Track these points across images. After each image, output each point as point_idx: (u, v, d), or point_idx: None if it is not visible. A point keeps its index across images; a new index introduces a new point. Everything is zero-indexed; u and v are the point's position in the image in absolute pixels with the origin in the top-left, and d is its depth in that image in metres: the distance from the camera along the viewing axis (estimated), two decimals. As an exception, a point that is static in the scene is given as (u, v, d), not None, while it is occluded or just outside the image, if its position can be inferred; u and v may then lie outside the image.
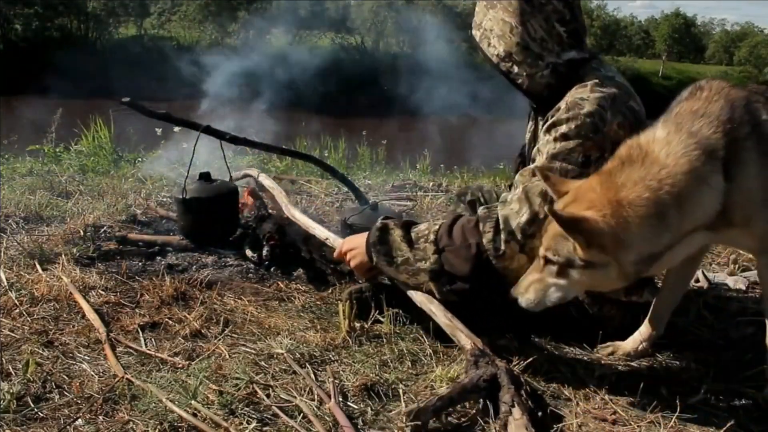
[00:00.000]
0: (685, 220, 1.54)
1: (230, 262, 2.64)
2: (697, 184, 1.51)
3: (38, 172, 3.98)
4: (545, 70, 1.88)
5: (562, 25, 1.87)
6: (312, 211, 3.36)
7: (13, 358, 1.79)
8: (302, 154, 3.67)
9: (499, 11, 1.90)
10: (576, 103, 1.78)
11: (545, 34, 1.86)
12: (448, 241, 1.87)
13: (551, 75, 1.88)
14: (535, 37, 1.87)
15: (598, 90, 1.79)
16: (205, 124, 2.85)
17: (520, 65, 1.89)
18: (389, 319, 2.01)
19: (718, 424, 1.61)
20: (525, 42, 1.87)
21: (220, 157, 2.94)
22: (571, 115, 1.77)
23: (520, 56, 1.88)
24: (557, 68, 1.88)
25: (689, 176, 1.51)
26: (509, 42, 1.89)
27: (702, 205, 1.53)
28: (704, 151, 1.52)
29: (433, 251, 1.88)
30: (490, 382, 1.59)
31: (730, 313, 2.28)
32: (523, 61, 1.89)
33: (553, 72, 1.88)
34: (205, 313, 2.12)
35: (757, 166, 1.55)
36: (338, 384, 1.68)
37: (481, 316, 1.97)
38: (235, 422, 1.51)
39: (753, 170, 1.55)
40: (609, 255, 1.51)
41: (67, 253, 2.53)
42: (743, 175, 1.55)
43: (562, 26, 1.87)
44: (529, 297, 1.64)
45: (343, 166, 5.34)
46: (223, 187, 2.84)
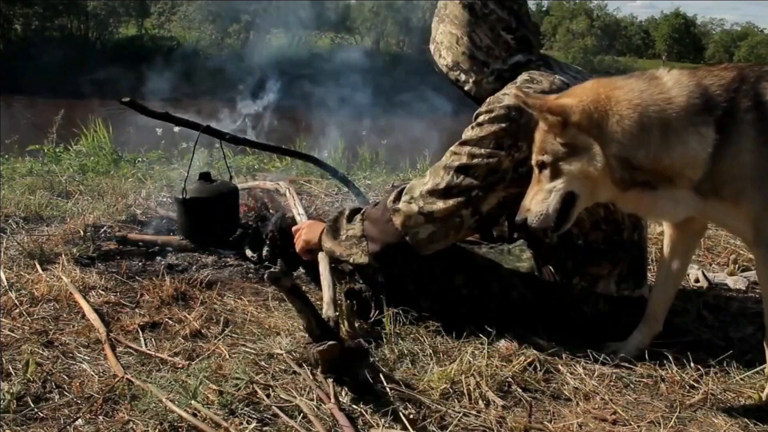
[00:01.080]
0: (666, 152, 1.59)
1: (230, 262, 2.64)
2: (687, 123, 1.59)
3: (38, 172, 3.98)
4: (490, 77, 1.98)
5: (509, 33, 1.97)
6: (312, 211, 3.36)
7: (13, 358, 1.79)
8: (302, 154, 3.67)
9: (447, 25, 2.01)
10: (497, 97, 1.89)
11: (491, 42, 1.97)
12: (371, 210, 2.04)
13: (496, 81, 1.97)
14: (480, 46, 1.97)
15: (524, 86, 1.87)
16: (204, 125, 2.85)
17: (467, 73, 2.00)
18: (389, 319, 2.01)
19: (718, 424, 1.61)
20: (470, 51, 1.98)
21: None
22: (489, 108, 1.88)
23: (467, 65, 2.00)
24: (502, 74, 1.97)
25: (682, 111, 1.59)
26: (456, 52, 2.00)
27: (686, 147, 1.59)
28: (705, 101, 1.60)
29: (359, 220, 2.05)
30: None
31: (730, 313, 2.28)
32: (469, 69, 2.00)
33: (498, 78, 1.97)
34: (205, 313, 2.12)
35: (752, 140, 1.60)
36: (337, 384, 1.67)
37: (482, 317, 1.98)
38: (235, 422, 1.51)
39: (746, 143, 1.60)
40: (590, 136, 1.60)
41: (67, 253, 2.53)
42: (736, 144, 1.60)
43: (509, 34, 1.97)
44: (534, 211, 1.70)
45: (343, 166, 5.35)
46: (223, 187, 2.84)
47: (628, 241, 1.97)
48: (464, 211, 1.88)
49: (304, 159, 3.69)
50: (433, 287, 2.03)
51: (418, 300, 2.06)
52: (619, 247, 1.95)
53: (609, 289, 1.96)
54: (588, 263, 1.94)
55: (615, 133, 1.59)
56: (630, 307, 1.98)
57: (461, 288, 2.00)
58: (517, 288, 1.98)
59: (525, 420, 1.59)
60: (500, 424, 1.57)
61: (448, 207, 1.88)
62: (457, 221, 1.90)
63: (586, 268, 1.94)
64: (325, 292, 2.03)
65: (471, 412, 1.61)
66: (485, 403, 1.65)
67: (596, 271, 1.94)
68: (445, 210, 1.88)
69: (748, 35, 46.79)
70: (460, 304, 2.02)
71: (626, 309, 1.98)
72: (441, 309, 2.04)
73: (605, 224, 1.92)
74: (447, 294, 2.02)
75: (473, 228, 1.94)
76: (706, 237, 3.10)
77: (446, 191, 1.88)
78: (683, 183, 1.63)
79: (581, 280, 1.95)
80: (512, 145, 1.83)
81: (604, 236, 1.93)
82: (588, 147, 1.62)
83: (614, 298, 1.96)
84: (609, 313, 1.97)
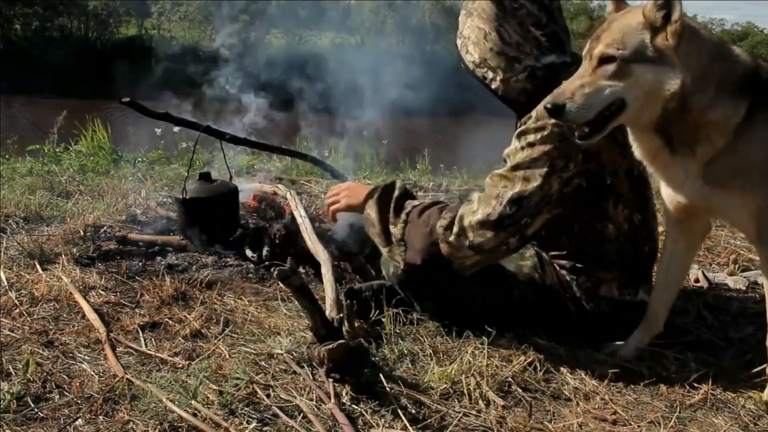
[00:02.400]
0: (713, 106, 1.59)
1: (230, 262, 2.64)
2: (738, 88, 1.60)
3: (38, 172, 3.97)
4: (521, 74, 1.88)
5: (539, 29, 1.88)
6: (312, 211, 3.36)
7: (13, 358, 1.79)
8: (302, 155, 3.67)
9: (475, 19, 1.92)
10: (544, 113, 1.77)
11: (520, 38, 1.87)
12: (416, 217, 1.94)
13: (527, 79, 1.89)
14: (509, 42, 1.88)
15: None
16: (204, 125, 2.85)
17: (495, 70, 1.91)
18: (389, 319, 2.01)
19: (718, 424, 1.61)
20: (498, 47, 1.88)
21: None
22: (540, 125, 1.78)
23: (494, 61, 1.90)
24: (535, 72, 1.88)
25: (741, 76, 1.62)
26: (483, 48, 1.91)
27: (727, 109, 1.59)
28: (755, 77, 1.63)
29: (402, 220, 1.96)
30: None
31: (730, 313, 2.28)
32: (497, 66, 1.90)
33: (530, 76, 1.88)
34: (205, 313, 2.12)
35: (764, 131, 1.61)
36: (338, 384, 1.67)
37: (481, 316, 1.98)
38: (235, 422, 1.51)
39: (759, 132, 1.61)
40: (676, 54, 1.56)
41: (67, 253, 2.52)
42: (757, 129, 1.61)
43: (539, 30, 1.88)
44: (578, 101, 1.59)
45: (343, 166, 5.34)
46: (223, 187, 2.84)
47: (639, 253, 1.96)
48: (512, 240, 1.84)
49: (305, 159, 3.69)
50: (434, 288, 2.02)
51: (420, 300, 2.05)
52: (629, 258, 1.93)
53: (611, 293, 1.94)
54: (597, 267, 1.93)
55: (696, 62, 1.57)
56: (631, 310, 1.97)
57: (464, 288, 2.00)
58: (519, 287, 1.97)
59: (525, 420, 1.59)
60: (500, 424, 1.57)
61: (499, 238, 1.82)
62: (504, 249, 1.86)
63: (595, 271, 1.93)
64: (328, 292, 2.03)
65: (471, 412, 1.61)
66: (485, 403, 1.65)
67: (603, 275, 1.93)
68: (494, 241, 1.82)
69: (748, 35, 46.67)
70: (460, 304, 2.01)
71: (627, 311, 1.97)
72: (441, 309, 2.03)
73: (624, 238, 1.90)
74: (447, 294, 2.01)
75: (515, 249, 1.90)
76: (706, 237, 3.10)
77: (498, 223, 1.80)
78: (703, 151, 1.61)
79: (587, 281, 1.93)
80: (564, 167, 1.77)
81: (619, 248, 1.91)
82: (672, 64, 1.56)
83: (616, 300, 1.95)
84: (609, 314, 1.96)
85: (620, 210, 1.88)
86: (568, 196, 1.81)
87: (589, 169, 1.80)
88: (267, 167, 4.62)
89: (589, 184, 1.82)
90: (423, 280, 1.99)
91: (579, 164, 1.78)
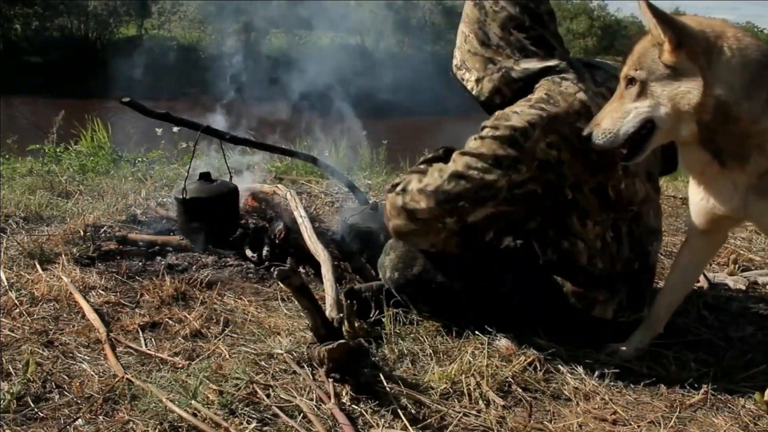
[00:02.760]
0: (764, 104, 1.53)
1: (230, 262, 2.63)
2: None
3: (38, 172, 3.97)
4: (495, 74, 1.88)
5: (521, 32, 1.87)
6: (312, 211, 3.36)
7: (13, 358, 1.79)
8: (303, 155, 3.67)
9: (461, 25, 1.98)
10: (505, 114, 1.80)
11: (500, 40, 1.88)
12: None
13: (500, 80, 1.88)
14: (488, 44, 1.89)
15: (537, 106, 1.77)
16: (204, 125, 2.85)
17: (470, 71, 1.93)
18: (389, 319, 2.01)
19: (718, 424, 1.61)
20: (475, 48, 1.91)
21: None
22: (496, 124, 1.79)
23: (470, 62, 1.93)
24: (509, 73, 1.87)
25: None
26: (463, 50, 1.95)
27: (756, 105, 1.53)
28: None
29: None
30: None
31: (730, 313, 2.28)
32: (472, 66, 1.93)
33: (504, 77, 1.88)
34: (205, 313, 2.12)
35: None
36: (338, 384, 1.68)
37: (481, 320, 1.98)
38: (235, 422, 1.51)
39: None
40: (698, 66, 1.50)
41: (67, 253, 2.52)
42: None
43: (521, 32, 1.87)
44: (604, 127, 1.60)
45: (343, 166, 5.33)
46: (223, 187, 2.84)
47: (625, 272, 1.90)
48: (448, 219, 1.83)
49: (305, 159, 3.69)
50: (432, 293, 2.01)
51: (417, 304, 2.05)
52: (615, 279, 1.89)
53: (605, 314, 1.91)
54: (587, 287, 1.89)
55: (728, 72, 1.51)
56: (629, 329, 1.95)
57: (460, 294, 1.98)
58: (519, 294, 1.96)
59: (525, 420, 1.59)
60: (500, 424, 1.57)
61: (432, 210, 1.82)
62: (439, 226, 1.85)
63: (585, 291, 1.89)
64: (328, 293, 2.03)
65: (471, 412, 1.61)
66: (485, 403, 1.65)
67: (593, 296, 1.90)
68: (428, 212, 1.83)
69: (748, 35, 46.61)
70: (459, 309, 2.00)
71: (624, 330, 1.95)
72: (438, 313, 2.03)
73: (601, 258, 1.86)
74: (446, 300, 2.00)
75: (456, 233, 1.87)
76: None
77: (433, 193, 1.82)
78: (757, 163, 1.56)
79: (578, 302, 1.90)
80: (511, 166, 1.76)
81: (602, 268, 1.87)
82: (691, 77, 1.51)
83: (610, 322, 1.93)
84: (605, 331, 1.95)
85: (590, 227, 1.84)
86: (519, 199, 1.80)
87: (545, 179, 1.78)
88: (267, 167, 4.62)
89: (545, 193, 1.80)
90: (418, 284, 1.99)
91: (533, 170, 1.76)
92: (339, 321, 1.85)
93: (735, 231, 3.25)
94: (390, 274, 2.04)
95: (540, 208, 1.84)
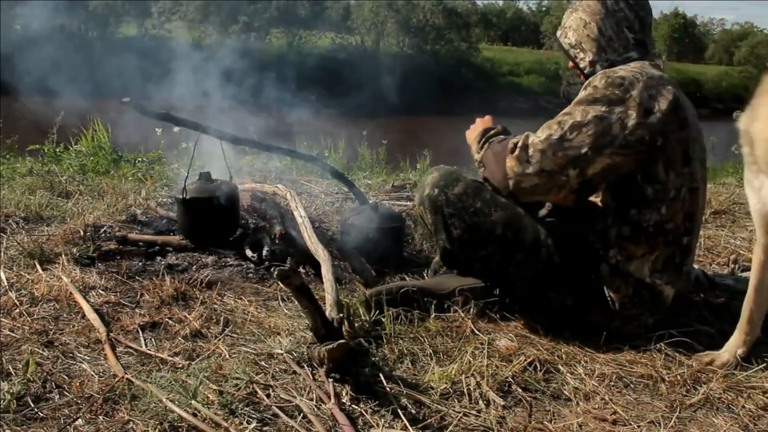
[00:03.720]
0: None
1: (230, 262, 2.64)
2: None
3: (38, 172, 3.97)
4: (604, 62, 2.10)
5: (631, 32, 2.10)
6: (312, 211, 3.36)
7: (13, 358, 1.79)
8: (303, 155, 3.67)
9: (579, 12, 2.15)
10: (612, 70, 2.01)
11: (614, 35, 2.10)
12: (496, 144, 2.11)
13: (609, 66, 2.07)
14: (604, 34, 2.10)
15: (637, 68, 1.99)
16: (204, 125, 2.85)
17: (585, 52, 2.13)
18: (389, 319, 2.01)
19: (718, 424, 1.61)
20: (594, 35, 2.11)
21: None
22: (605, 74, 1.98)
23: (588, 45, 2.12)
24: (614, 64, 2.07)
25: None
26: (581, 33, 2.13)
27: None
28: None
29: (485, 149, 2.15)
30: None
31: (730, 313, 2.28)
32: (589, 49, 2.12)
33: (611, 65, 2.07)
34: (205, 313, 2.12)
35: None
36: (338, 384, 1.68)
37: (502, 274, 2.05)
38: (235, 422, 1.51)
39: None
40: None
41: (67, 253, 2.53)
42: None
43: (631, 33, 2.10)
44: None
45: (343, 166, 5.34)
46: (224, 187, 2.84)
47: (675, 236, 1.98)
48: (571, 171, 1.93)
49: (305, 159, 3.69)
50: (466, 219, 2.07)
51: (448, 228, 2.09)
52: (662, 233, 1.97)
53: (641, 273, 1.97)
54: (630, 239, 1.96)
55: None
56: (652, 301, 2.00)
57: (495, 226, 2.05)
58: (548, 247, 2.02)
59: (525, 420, 1.59)
60: (500, 424, 1.57)
61: (557, 161, 1.93)
62: (563, 179, 1.94)
63: (627, 242, 1.97)
64: (329, 293, 2.03)
65: (471, 412, 1.61)
66: (485, 403, 1.65)
67: (633, 250, 1.97)
68: (553, 163, 1.93)
69: (748, 35, 46.64)
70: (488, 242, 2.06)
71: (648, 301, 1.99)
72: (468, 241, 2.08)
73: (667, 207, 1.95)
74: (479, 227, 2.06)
75: (575, 191, 1.97)
76: (706, 237, 3.10)
77: (558, 144, 1.93)
78: None
79: (618, 253, 1.97)
80: (622, 112, 1.90)
81: (658, 220, 1.95)
82: None
83: (642, 284, 1.97)
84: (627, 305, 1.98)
85: (671, 177, 1.94)
86: (631, 144, 1.90)
87: (650, 124, 1.90)
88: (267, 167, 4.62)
89: (650, 139, 1.90)
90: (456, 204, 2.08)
91: (640, 116, 1.90)
92: (339, 321, 1.85)
93: (735, 231, 3.25)
94: (429, 191, 2.12)
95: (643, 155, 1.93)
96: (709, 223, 3.40)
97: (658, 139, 1.91)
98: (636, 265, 1.97)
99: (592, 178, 1.94)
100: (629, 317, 1.99)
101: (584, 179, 1.94)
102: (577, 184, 1.95)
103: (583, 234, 2.04)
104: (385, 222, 2.66)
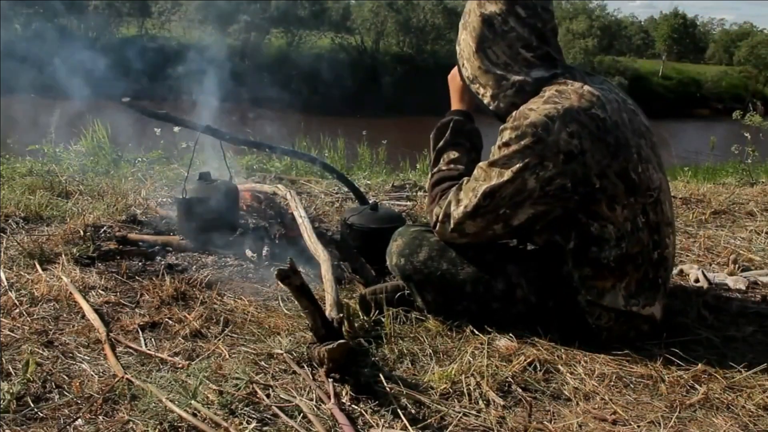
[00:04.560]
0: None
1: (230, 262, 2.64)
2: None
3: (38, 172, 3.97)
4: (509, 90, 1.93)
5: (528, 51, 1.91)
6: (312, 211, 3.37)
7: (13, 358, 1.79)
8: (303, 155, 3.67)
9: (467, 35, 1.98)
10: (522, 114, 1.84)
11: (508, 59, 1.92)
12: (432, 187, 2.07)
13: (516, 94, 1.92)
14: (497, 62, 1.93)
15: (550, 101, 1.83)
16: (205, 124, 2.85)
17: (485, 87, 1.97)
18: (389, 319, 2.01)
19: (718, 424, 1.61)
20: (486, 66, 1.95)
21: None
22: (515, 124, 1.83)
23: (483, 79, 1.97)
24: (524, 86, 1.92)
25: None
26: (473, 65, 1.97)
27: None
28: None
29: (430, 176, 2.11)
30: None
31: (730, 313, 2.28)
32: (486, 83, 1.97)
33: (519, 91, 1.92)
34: (205, 313, 2.12)
35: None
36: (338, 384, 1.68)
37: (482, 315, 1.99)
38: (235, 422, 1.51)
39: None
40: None
41: (67, 253, 2.53)
42: None
43: (529, 52, 1.91)
44: None
45: (342, 166, 5.35)
46: (223, 187, 2.84)
47: (643, 257, 1.90)
48: (495, 226, 1.91)
49: (305, 159, 3.70)
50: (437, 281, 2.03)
51: (422, 293, 2.06)
52: (628, 261, 1.89)
53: (616, 303, 1.91)
54: (594, 277, 1.90)
55: None
56: (637, 325, 1.96)
57: (465, 284, 2.00)
58: (522, 288, 1.97)
59: (525, 420, 1.59)
60: (500, 424, 1.57)
61: (478, 225, 1.91)
62: (490, 233, 1.93)
63: (592, 281, 1.90)
64: (328, 293, 2.03)
65: (471, 412, 1.61)
66: (485, 403, 1.65)
67: (601, 285, 1.91)
68: (475, 227, 1.92)
69: (748, 35, 46.64)
70: (463, 300, 2.01)
71: (633, 326, 1.95)
72: (443, 303, 2.04)
73: (627, 240, 1.87)
74: (450, 289, 2.02)
75: (509, 235, 1.97)
76: (706, 237, 3.10)
77: (474, 213, 1.90)
78: None
79: (587, 293, 1.91)
80: (538, 164, 1.80)
81: (619, 254, 1.87)
82: None
83: (621, 312, 1.92)
84: (614, 328, 1.94)
85: (618, 212, 1.86)
86: (553, 195, 1.83)
87: (572, 171, 1.80)
88: (267, 167, 4.62)
89: (574, 185, 1.82)
90: (423, 271, 2.02)
91: (559, 165, 1.79)
92: (339, 321, 1.85)
93: (735, 231, 3.25)
94: (396, 260, 2.08)
95: (574, 202, 1.85)
96: (709, 223, 3.40)
97: (596, 182, 1.81)
98: (610, 298, 1.91)
99: (521, 226, 1.90)
100: (620, 333, 1.95)
101: (511, 229, 1.91)
102: (507, 233, 1.94)
103: (555, 268, 1.95)
104: (385, 222, 2.66)
